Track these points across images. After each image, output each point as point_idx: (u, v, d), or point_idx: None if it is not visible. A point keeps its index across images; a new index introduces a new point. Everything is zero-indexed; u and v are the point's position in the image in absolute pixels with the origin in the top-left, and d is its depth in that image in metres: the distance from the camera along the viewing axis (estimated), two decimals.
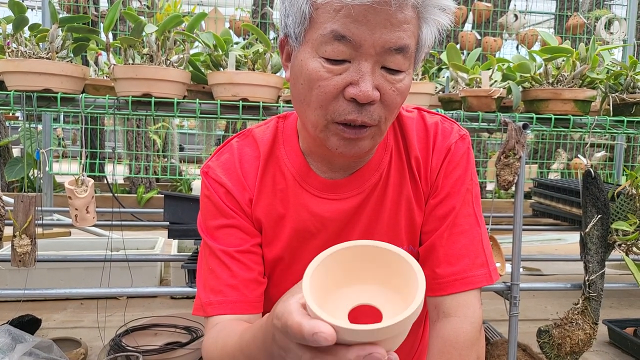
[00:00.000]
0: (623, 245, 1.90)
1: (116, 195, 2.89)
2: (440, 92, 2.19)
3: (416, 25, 0.72)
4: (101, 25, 3.90)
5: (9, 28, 1.65)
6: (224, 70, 1.77)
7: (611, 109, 1.94)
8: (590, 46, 1.82)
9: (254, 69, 1.78)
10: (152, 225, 2.99)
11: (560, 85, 1.85)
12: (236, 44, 1.89)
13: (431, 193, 0.88)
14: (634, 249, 1.90)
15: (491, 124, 1.90)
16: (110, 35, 1.69)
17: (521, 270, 1.92)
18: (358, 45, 0.69)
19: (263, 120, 1.00)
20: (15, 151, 5.77)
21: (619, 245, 1.91)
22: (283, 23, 0.76)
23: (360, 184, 0.86)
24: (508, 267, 1.95)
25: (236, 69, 1.75)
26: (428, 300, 0.89)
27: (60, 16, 1.66)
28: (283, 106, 1.79)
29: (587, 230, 1.89)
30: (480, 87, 1.91)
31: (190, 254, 2.23)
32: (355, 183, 0.86)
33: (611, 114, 1.94)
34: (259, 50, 1.79)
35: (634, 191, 1.88)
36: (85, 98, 1.70)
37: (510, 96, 1.97)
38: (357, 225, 0.87)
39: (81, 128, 1.75)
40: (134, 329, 2.21)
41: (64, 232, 2.76)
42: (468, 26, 5.08)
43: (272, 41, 1.76)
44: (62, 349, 1.89)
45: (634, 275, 1.88)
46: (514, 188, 1.83)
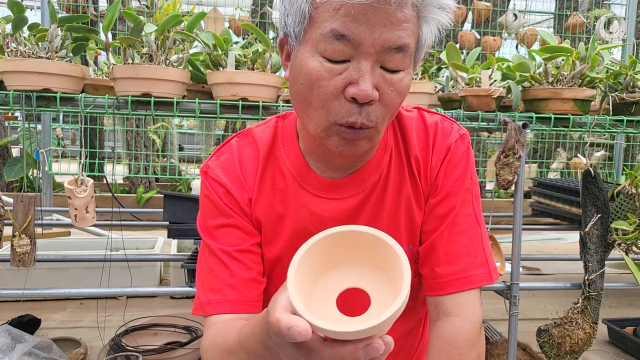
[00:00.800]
0: (623, 244, 1.90)
1: (116, 195, 2.88)
2: (440, 92, 2.19)
3: (416, 24, 0.72)
4: (100, 24, 3.90)
5: (8, 28, 1.64)
6: (223, 69, 1.77)
7: (611, 108, 1.94)
8: (590, 45, 1.82)
9: (253, 69, 1.78)
10: (152, 225, 2.99)
11: (560, 84, 1.85)
12: (235, 43, 1.88)
13: (431, 192, 0.88)
14: (634, 248, 1.91)
15: (491, 123, 1.90)
16: (110, 35, 1.69)
17: (521, 269, 1.92)
18: (358, 44, 0.69)
19: (262, 119, 1.00)
20: (15, 151, 5.77)
21: (619, 245, 1.91)
22: (282, 22, 0.76)
23: (360, 183, 0.86)
24: (508, 267, 1.95)
25: (236, 68, 1.75)
26: (428, 299, 0.89)
27: (60, 16, 1.66)
28: (282, 106, 1.79)
29: (586, 229, 1.89)
30: (479, 86, 1.91)
31: (190, 253, 2.23)
32: (355, 183, 0.86)
33: (611, 113, 1.94)
34: (258, 49, 1.79)
35: (633, 190, 1.88)
36: (84, 98, 1.69)
37: (509, 95, 1.97)
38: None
39: (80, 128, 1.75)
40: (134, 329, 2.21)
41: (63, 232, 2.76)
42: (467, 25, 5.08)
43: (272, 41, 1.76)
44: (62, 349, 1.89)
45: (634, 274, 1.88)
46: (513, 187, 1.83)
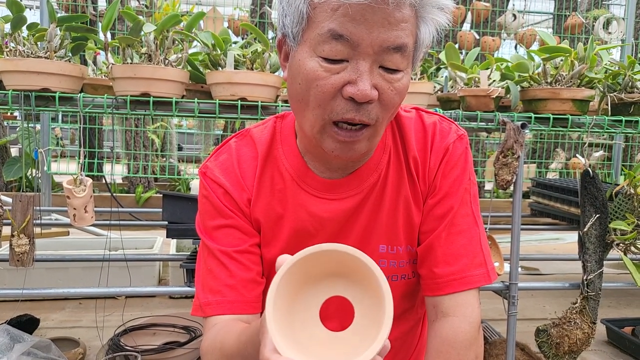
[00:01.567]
0: (621, 244, 1.90)
1: (114, 194, 2.88)
2: (439, 92, 2.19)
3: (414, 24, 0.72)
4: (99, 24, 3.89)
5: (7, 27, 1.64)
6: (222, 69, 1.77)
7: (609, 108, 1.94)
8: (589, 46, 1.82)
9: (252, 69, 1.78)
10: (151, 224, 2.99)
11: (559, 84, 1.85)
12: (235, 43, 1.89)
13: (429, 193, 0.88)
14: (632, 248, 1.91)
15: (489, 123, 1.90)
16: (109, 35, 1.69)
17: (519, 269, 1.92)
18: (356, 44, 0.69)
19: (262, 119, 1.00)
20: (14, 151, 5.76)
21: (617, 245, 1.91)
22: (281, 23, 0.76)
23: (359, 184, 0.86)
24: (506, 267, 1.95)
25: (235, 68, 1.75)
26: (426, 299, 0.89)
27: (59, 15, 1.66)
28: (281, 106, 1.79)
29: (585, 229, 1.89)
30: (478, 86, 1.91)
31: (189, 253, 2.23)
32: (354, 183, 0.86)
33: (609, 113, 1.94)
34: (257, 49, 1.79)
35: (632, 191, 1.88)
36: (83, 97, 1.69)
37: (508, 96, 1.97)
38: (355, 225, 0.87)
39: (79, 127, 1.75)
40: (133, 329, 2.21)
41: (62, 232, 2.76)
42: (467, 26, 5.08)
43: (271, 41, 1.76)
44: (61, 349, 1.89)
45: (632, 274, 1.89)
46: (512, 187, 1.83)
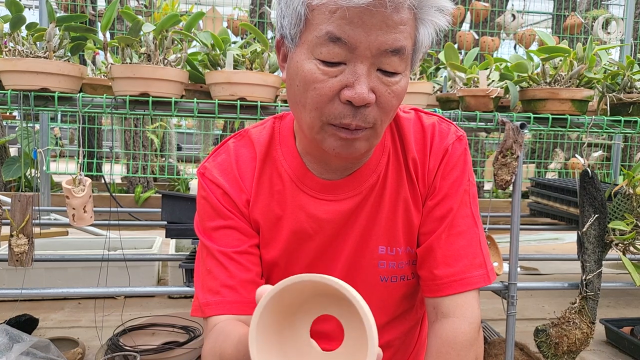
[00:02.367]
0: (620, 244, 1.90)
1: (114, 194, 2.88)
2: (438, 92, 2.19)
3: (413, 27, 0.72)
4: (99, 24, 3.89)
5: (6, 27, 1.64)
6: (221, 69, 1.77)
7: (608, 108, 1.94)
8: (588, 46, 1.82)
9: (251, 69, 1.78)
10: (150, 224, 2.98)
11: (558, 85, 1.86)
12: (234, 43, 1.88)
13: (429, 194, 0.88)
14: (631, 248, 1.91)
15: (489, 123, 1.90)
16: (108, 35, 1.69)
17: (519, 269, 1.92)
18: (353, 47, 0.68)
19: (261, 119, 0.99)
20: (13, 150, 5.76)
21: (616, 245, 1.91)
22: (279, 24, 0.76)
23: (358, 185, 0.86)
24: (505, 267, 1.95)
25: (234, 68, 1.75)
26: (426, 300, 0.90)
27: (58, 15, 1.66)
28: (281, 105, 1.79)
29: (584, 229, 1.89)
30: (477, 86, 1.91)
31: (188, 253, 2.23)
32: (353, 184, 0.86)
33: (608, 113, 1.94)
34: (256, 49, 1.79)
35: (631, 191, 1.88)
36: (82, 97, 1.69)
37: (507, 96, 1.97)
38: (354, 227, 0.87)
39: (79, 127, 1.75)
40: (132, 329, 2.21)
41: (61, 232, 2.75)
42: (466, 26, 5.08)
43: (270, 40, 1.76)
44: (60, 349, 1.88)
45: (631, 274, 1.89)
46: (511, 187, 1.83)
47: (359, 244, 0.88)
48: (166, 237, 2.09)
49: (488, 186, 5.87)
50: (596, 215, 1.88)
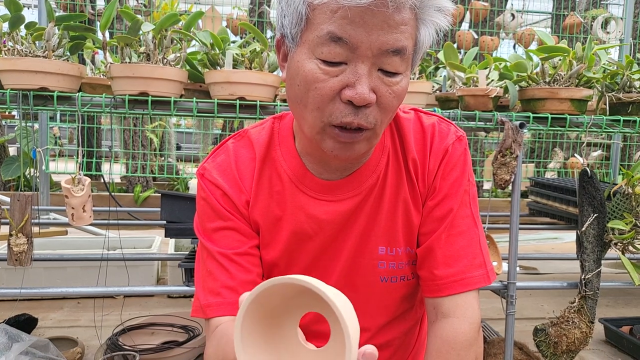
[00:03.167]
0: (619, 244, 1.90)
1: (113, 194, 2.88)
2: (437, 91, 2.19)
3: (414, 27, 0.72)
4: (98, 23, 3.89)
5: (5, 26, 1.64)
6: (221, 69, 1.76)
7: (607, 108, 1.94)
8: (587, 45, 1.82)
9: (251, 68, 1.78)
10: (149, 224, 2.98)
11: (557, 84, 1.86)
12: (233, 42, 1.88)
13: (429, 194, 0.88)
14: (630, 247, 1.91)
15: (488, 123, 1.90)
16: (107, 34, 1.68)
17: (518, 269, 1.92)
18: (354, 47, 0.68)
19: (260, 119, 0.99)
20: (12, 150, 5.75)
21: (615, 244, 1.91)
22: (279, 23, 0.76)
23: (357, 185, 0.86)
24: (505, 266, 1.96)
25: (233, 67, 1.74)
26: (426, 300, 0.89)
27: (57, 14, 1.66)
28: (280, 105, 1.78)
29: (583, 229, 1.90)
30: (477, 86, 1.91)
31: (188, 252, 2.23)
32: (352, 184, 0.86)
33: (607, 113, 1.95)
34: (256, 49, 1.79)
35: (630, 190, 1.89)
36: (81, 97, 1.69)
37: (507, 95, 1.97)
38: (354, 227, 0.87)
39: (78, 127, 1.75)
40: (131, 328, 2.21)
41: (60, 231, 2.75)
42: (465, 25, 5.08)
43: (269, 40, 1.76)
44: (59, 348, 1.88)
45: (630, 274, 1.89)
46: (510, 187, 1.83)
47: (358, 245, 0.88)
48: (165, 236, 2.08)
49: (487, 186, 5.87)
50: (595, 215, 1.88)
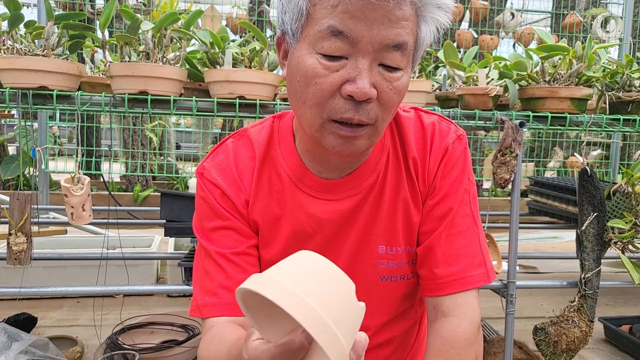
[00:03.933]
0: (619, 243, 1.90)
1: (112, 193, 2.88)
2: (437, 90, 2.19)
3: (415, 23, 0.72)
4: (97, 22, 3.89)
5: (5, 25, 1.64)
6: (220, 68, 1.76)
7: (607, 107, 1.94)
8: (587, 44, 1.82)
9: (250, 67, 1.78)
10: (149, 223, 2.98)
11: (557, 83, 1.85)
12: (233, 41, 1.88)
13: (429, 194, 0.87)
14: (630, 246, 1.91)
15: (488, 122, 1.90)
16: (107, 33, 1.68)
17: (517, 268, 1.92)
18: (355, 41, 0.68)
19: (260, 118, 0.99)
20: (11, 149, 5.75)
21: (615, 243, 1.91)
22: (280, 20, 0.76)
23: (357, 184, 0.86)
24: (504, 265, 1.96)
25: (233, 66, 1.74)
26: (426, 299, 0.89)
27: (56, 13, 1.65)
28: (280, 104, 1.78)
29: (583, 228, 1.89)
30: (477, 85, 1.91)
31: (187, 252, 2.23)
32: (352, 183, 0.86)
33: (607, 112, 1.94)
34: (255, 47, 1.78)
35: (629, 189, 1.89)
36: (81, 95, 1.69)
37: (506, 94, 1.97)
38: (354, 226, 0.87)
39: (77, 126, 1.74)
40: (131, 327, 2.21)
41: (59, 230, 2.75)
42: (465, 24, 5.08)
43: (269, 39, 1.76)
44: (59, 347, 1.88)
45: (630, 273, 1.89)
46: (510, 186, 1.83)
47: (358, 244, 0.87)
48: (165, 235, 2.08)
49: (487, 185, 5.87)
50: (595, 214, 1.88)
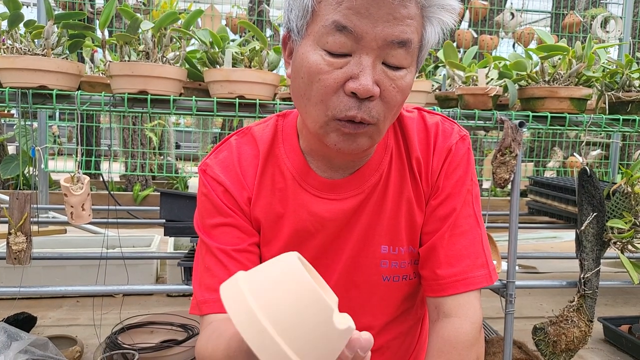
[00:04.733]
0: (618, 243, 1.91)
1: (112, 192, 2.88)
2: (437, 90, 2.19)
3: (420, 23, 0.72)
4: (97, 22, 3.88)
5: (4, 24, 1.64)
6: (220, 67, 1.76)
7: (607, 107, 1.95)
8: (587, 44, 1.82)
9: (250, 67, 1.78)
10: (148, 223, 2.98)
11: (557, 83, 1.86)
12: (232, 41, 1.88)
13: (432, 194, 0.87)
14: (629, 246, 1.91)
15: (487, 122, 1.90)
16: (106, 32, 1.68)
17: (517, 268, 1.92)
18: (359, 37, 0.68)
19: (260, 118, 0.99)
20: (11, 148, 5.74)
21: (614, 243, 1.91)
22: (286, 18, 0.76)
23: (360, 184, 0.85)
24: (504, 265, 1.96)
25: (232, 66, 1.74)
26: (428, 300, 0.89)
27: (56, 13, 1.65)
28: (279, 104, 1.78)
29: (582, 228, 1.90)
30: (476, 85, 1.91)
31: (187, 251, 2.23)
32: (355, 183, 0.85)
33: (607, 112, 1.95)
34: (255, 47, 1.78)
35: (629, 189, 1.89)
36: (80, 95, 1.69)
37: (506, 94, 1.97)
38: (356, 226, 0.87)
39: (77, 125, 1.74)
40: (130, 327, 2.21)
41: (59, 230, 2.75)
42: (465, 24, 5.08)
43: (269, 38, 1.76)
44: (58, 347, 1.88)
45: (629, 273, 1.89)
46: (510, 186, 1.83)
47: (361, 243, 0.87)
48: (165, 235, 2.08)
49: (487, 185, 5.88)
50: (594, 214, 1.88)
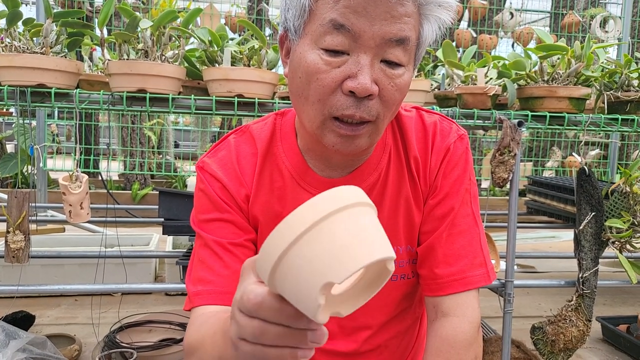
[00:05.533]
0: (617, 242, 1.91)
1: (111, 191, 2.87)
2: (436, 90, 2.19)
3: (417, 21, 0.72)
4: (96, 20, 3.88)
5: (3, 23, 1.63)
6: (219, 66, 1.76)
7: (606, 107, 1.95)
8: (586, 44, 1.82)
9: (249, 65, 1.78)
10: (147, 221, 2.97)
11: (555, 83, 1.86)
12: (231, 40, 1.88)
13: (430, 193, 0.87)
14: (628, 246, 1.91)
15: (486, 121, 1.90)
16: (105, 31, 1.68)
17: (515, 267, 1.93)
18: (357, 35, 0.68)
19: (258, 116, 0.99)
20: (9, 147, 5.74)
21: (613, 243, 1.92)
22: (283, 17, 0.76)
23: (358, 183, 0.85)
24: (502, 265, 1.96)
25: (231, 65, 1.74)
26: (426, 299, 0.89)
27: (55, 11, 1.65)
28: (278, 102, 1.78)
29: (581, 227, 1.90)
30: (475, 84, 1.91)
31: (185, 250, 2.23)
32: (353, 182, 0.85)
33: (606, 112, 1.95)
34: (254, 46, 1.78)
35: (627, 189, 1.89)
36: (79, 93, 1.68)
37: (505, 94, 1.97)
38: None
39: (75, 124, 1.74)
40: (129, 326, 2.20)
41: (58, 229, 2.75)
42: (464, 24, 5.09)
43: (268, 37, 1.76)
44: (56, 345, 1.88)
45: (627, 272, 1.89)
46: (508, 185, 1.83)
47: None
48: (163, 234, 2.08)
49: (485, 184, 5.88)
50: (593, 214, 1.89)
